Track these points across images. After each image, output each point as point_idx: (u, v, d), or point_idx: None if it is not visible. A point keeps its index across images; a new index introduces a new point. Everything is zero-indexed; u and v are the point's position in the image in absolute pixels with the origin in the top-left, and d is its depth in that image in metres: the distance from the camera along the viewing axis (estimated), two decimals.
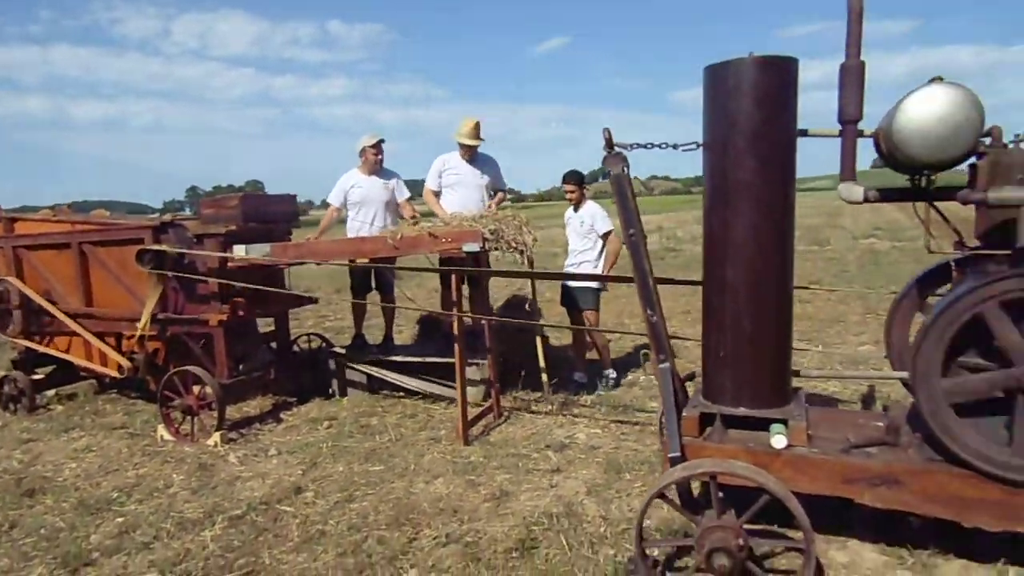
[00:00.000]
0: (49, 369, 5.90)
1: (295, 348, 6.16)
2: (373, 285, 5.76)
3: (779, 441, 2.66)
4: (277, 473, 4.14)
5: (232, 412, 5.32)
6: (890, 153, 2.56)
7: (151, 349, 5.27)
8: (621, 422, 4.74)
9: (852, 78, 2.76)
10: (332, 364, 5.68)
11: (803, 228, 25.45)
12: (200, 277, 4.91)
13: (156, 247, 4.85)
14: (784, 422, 2.72)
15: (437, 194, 5.66)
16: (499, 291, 7.99)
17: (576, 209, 5.46)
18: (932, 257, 3.12)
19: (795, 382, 3.02)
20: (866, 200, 2.84)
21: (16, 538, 3.46)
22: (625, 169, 2.95)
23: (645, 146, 3.01)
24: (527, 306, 5.95)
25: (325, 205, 6.27)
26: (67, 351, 5.62)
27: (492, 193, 5.72)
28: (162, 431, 4.85)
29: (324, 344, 6.28)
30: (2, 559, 3.25)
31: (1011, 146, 2.53)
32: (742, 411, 2.80)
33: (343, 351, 5.76)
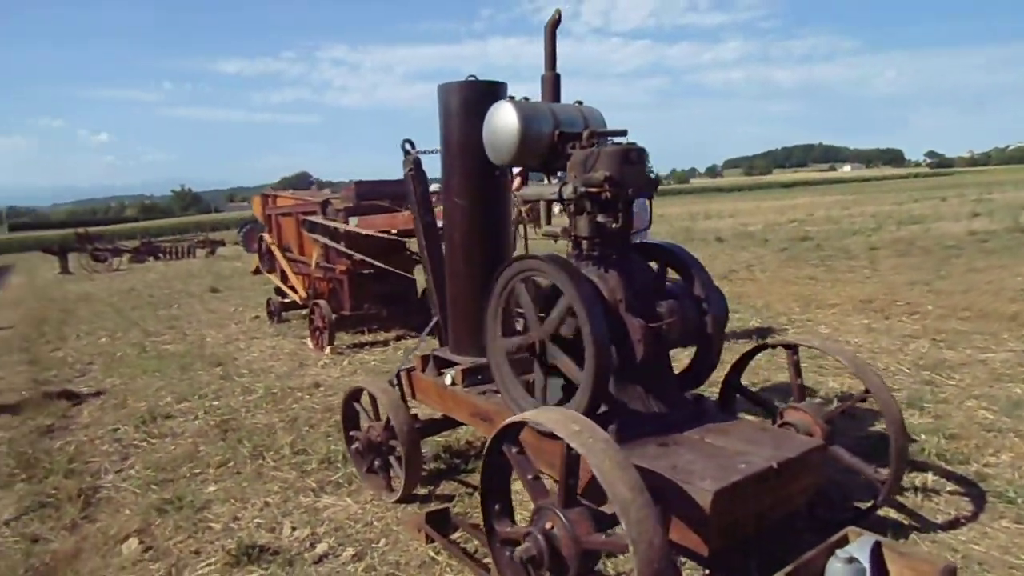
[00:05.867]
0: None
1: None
2: None
3: (448, 379, 3.45)
4: (328, 376, 6.01)
5: (367, 336, 7.43)
6: None
7: (321, 287, 7.70)
8: None
9: (548, 87, 3.30)
10: None
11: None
12: (326, 240, 7.05)
13: (310, 218, 7.16)
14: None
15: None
16: None
17: None
18: None
19: None
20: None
21: (173, 379, 6.04)
22: (412, 168, 3.93)
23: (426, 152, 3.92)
24: None
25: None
26: (291, 285, 8.43)
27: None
28: (308, 342, 7.18)
29: None
30: (159, 379, 5.82)
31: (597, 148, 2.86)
32: (446, 356, 3.62)
33: None
